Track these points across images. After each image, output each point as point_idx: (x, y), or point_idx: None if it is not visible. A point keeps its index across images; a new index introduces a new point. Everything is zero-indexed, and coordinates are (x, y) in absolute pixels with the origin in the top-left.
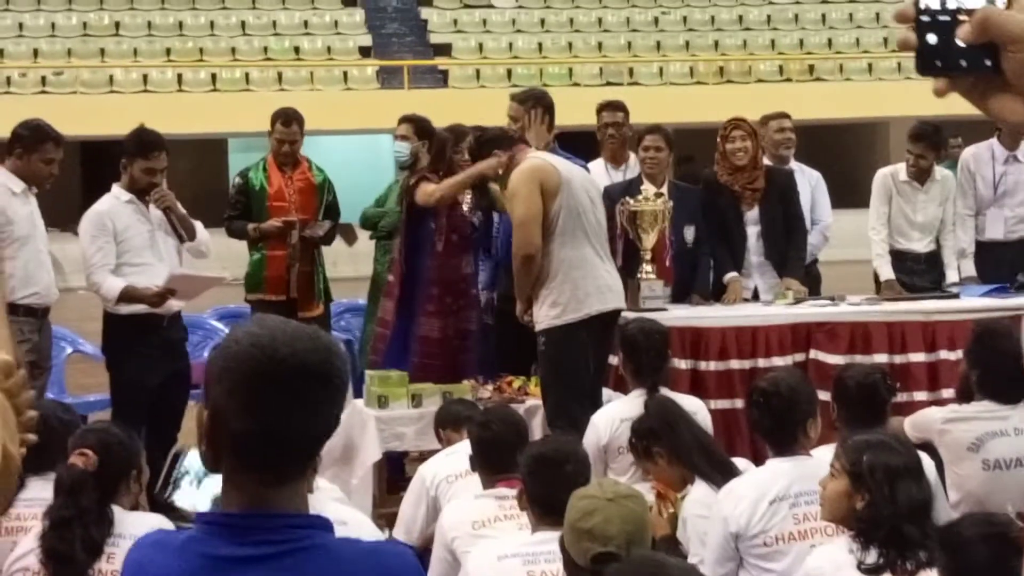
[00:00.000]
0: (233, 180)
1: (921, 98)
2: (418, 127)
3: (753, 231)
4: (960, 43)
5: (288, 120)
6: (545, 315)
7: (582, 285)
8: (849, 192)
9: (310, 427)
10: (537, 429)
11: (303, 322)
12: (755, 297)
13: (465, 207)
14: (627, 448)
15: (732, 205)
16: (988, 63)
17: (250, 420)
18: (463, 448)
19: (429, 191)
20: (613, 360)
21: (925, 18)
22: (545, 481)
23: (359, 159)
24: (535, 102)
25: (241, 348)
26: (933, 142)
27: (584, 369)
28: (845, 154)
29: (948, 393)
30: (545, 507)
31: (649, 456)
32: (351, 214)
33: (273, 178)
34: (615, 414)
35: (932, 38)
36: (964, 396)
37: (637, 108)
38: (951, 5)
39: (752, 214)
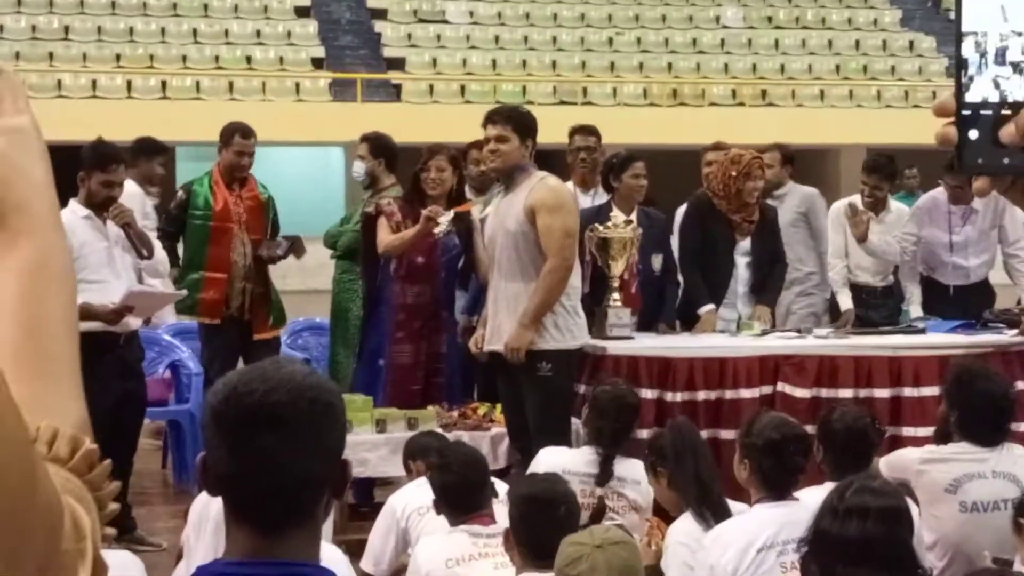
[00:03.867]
0: (177, 193)
1: (871, 126)
2: (373, 145)
3: (743, 261)
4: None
5: (247, 133)
6: (552, 337)
7: (580, 312)
8: None
9: (295, 471)
10: (502, 457)
11: (258, 344)
12: (738, 327)
13: (439, 230)
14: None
15: (726, 233)
16: None
17: (232, 465)
18: None
19: (380, 240)
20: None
21: (967, 112)
22: (536, 523)
23: (309, 172)
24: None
25: (218, 392)
26: (887, 173)
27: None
28: (797, 180)
29: (909, 430)
30: (534, 550)
31: (654, 472)
32: (300, 227)
33: (219, 194)
34: (559, 463)
35: (974, 134)
36: (942, 437)
37: None
38: (994, 99)
39: (744, 244)
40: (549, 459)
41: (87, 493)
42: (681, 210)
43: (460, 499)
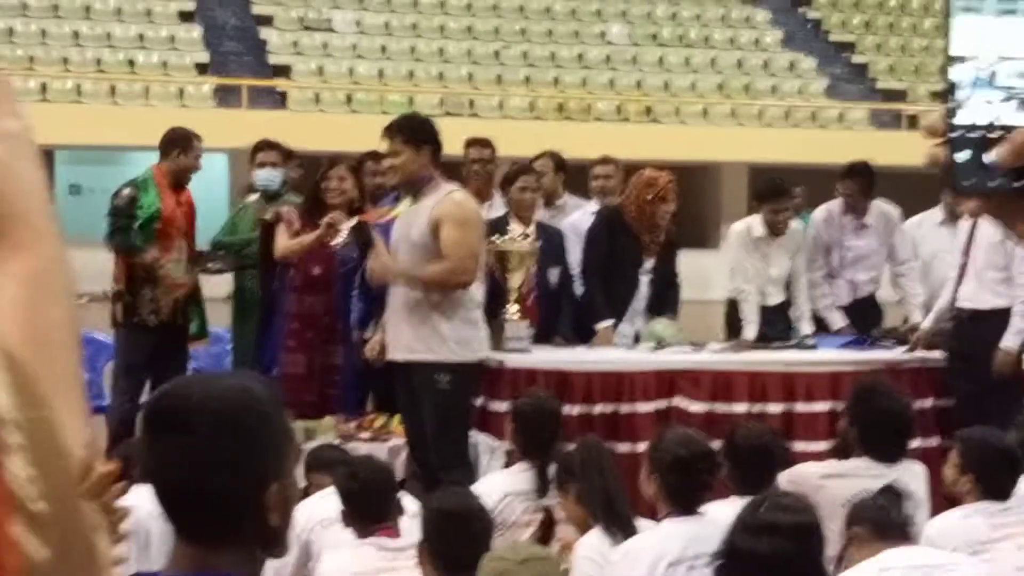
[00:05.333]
0: (122, 192)
1: (753, 144)
2: (283, 152)
3: (645, 279)
4: (990, 162)
5: (199, 137)
6: (450, 349)
7: (481, 325)
8: (686, 234)
9: (207, 481)
10: (400, 469)
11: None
12: (636, 341)
13: (337, 241)
14: (512, 524)
15: (633, 251)
16: (1016, 184)
17: (156, 473)
18: (334, 491)
19: (278, 245)
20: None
21: (955, 134)
22: (450, 538)
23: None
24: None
25: (156, 392)
26: (783, 199)
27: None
28: (680, 196)
29: (801, 444)
30: (449, 564)
31: (562, 488)
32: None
33: (166, 201)
34: (499, 488)
35: (962, 156)
36: (842, 452)
37: None
38: (982, 121)
39: (648, 263)
40: (488, 486)
41: (102, 519)
42: (568, 221)
43: (367, 510)
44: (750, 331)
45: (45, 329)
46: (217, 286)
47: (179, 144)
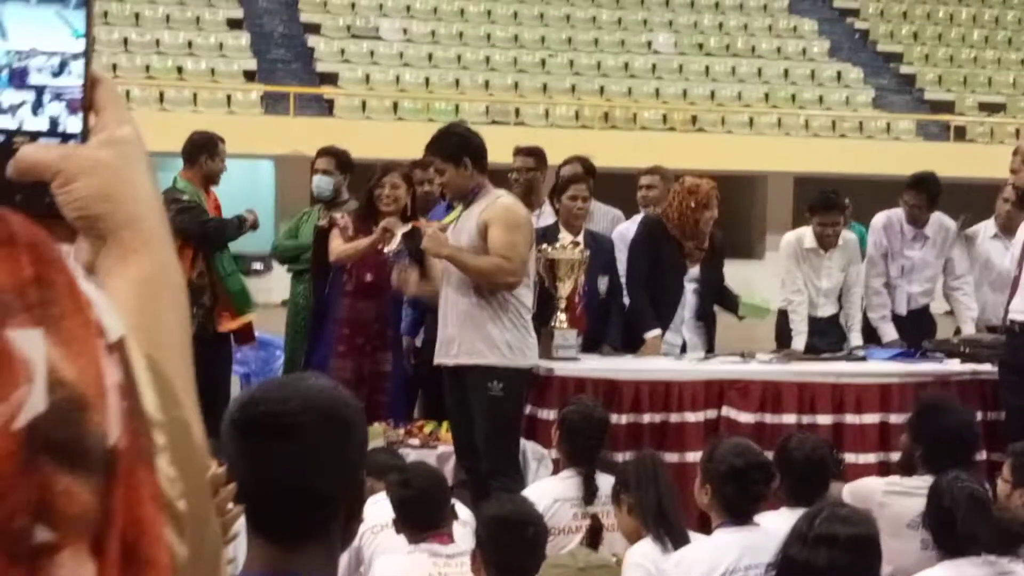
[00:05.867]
0: (176, 189)
1: (798, 155)
2: (339, 160)
3: (691, 287)
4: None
5: (222, 139)
6: (502, 354)
7: (532, 331)
8: (730, 245)
9: (306, 484)
10: (449, 476)
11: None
12: (683, 351)
13: (391, 248)
14: (561, 530)
15: (676, 259)
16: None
17: (245, 475)
18: (386, 497)
19: (333, 248)
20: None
21: None
22: (506, 545)
23: (239, 185)
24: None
25: (237, 401)
26: (837, 212)
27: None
28: (724, 206)
29: (851, 456)
30: (504, 571)
31: (617, 500)
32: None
33: (207, 203)
34: (548, 494)
35: None
36: (906, 469)
37: None
38: (1, 126)
39: (694, 271)
40: (537, 492)
41: (217, 520)
42: (618, 230)
43: (420, 517)
44: (799, 341)
45: (160, 332)
46: (269, 292)
47: (205, 149)
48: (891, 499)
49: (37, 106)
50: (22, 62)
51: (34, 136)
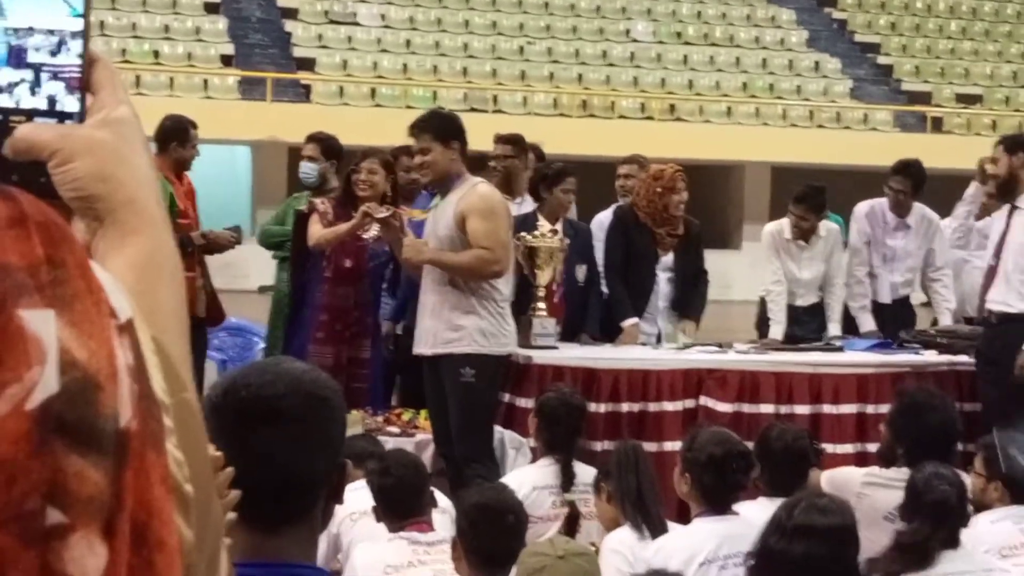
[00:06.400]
0: None
1: (776, 144)
2: (325, 146)
3: (664, 276)
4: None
5: (195, 125)
6: (475, 342)
7: (509, 319)
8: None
9: (292, 467)
10: (427, 463)
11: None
12: (658, 341)
13: (370, 235)
14: (540, 518)
15: (648, 247)
16: (37, 181)
17: (228, 461)
18: (365, 484)
19: (312, 233)
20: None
21: None
22: (486, 532)
23: (215, 170)
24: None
25: (217, 387)
26: (814, 204)
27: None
28: (702, 196)
29: (828, 446)
30: (485, 559)
31: (597, 488)
32: (206, 225)
33: (177, 190)
34: (526, 482)
35: None
36: (885, 460)
37: None
38: (6, 104)
39: (667, 259)
40: (516, 480)
41: (219, 504)
42: (596, 219)
43: (400, 504)
44: (777, 331)
45: (161, 314)
46: (246, 278)
47: (176, 136)
48: (869, 490)
49: (35, 85)
50: (20, 40)
51: (31, 115)
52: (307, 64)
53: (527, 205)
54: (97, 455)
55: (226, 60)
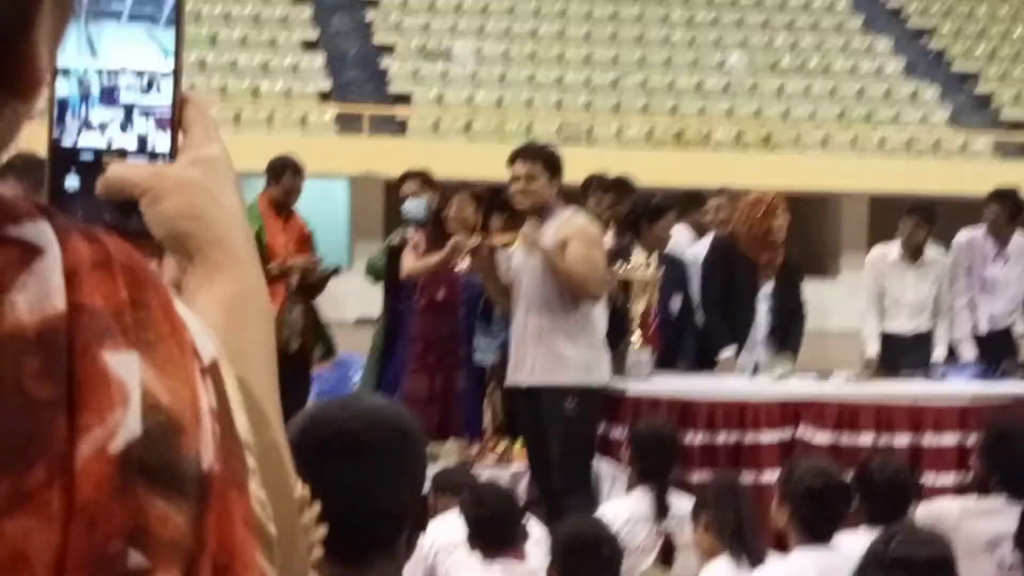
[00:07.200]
0: None
1: (874, 174)
2: (426, 180)
3: (764, 306)
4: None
5: (299, 169)
6: (575, 374)
7: (604, 350)
8: (806, 264)
9: (373, 500)
10: (521, 494)
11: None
12: (755, 372)
13: (463, 267)
14: (635, 549)
15: (749, 277)
16: (127, 224)
17: (312, 495)
18: (459, 515)
19: (404, 265)
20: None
21: (63, 157)
22: (580, 564)
23: (313, 205)
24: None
25: (297, 423)
26: (926, 216)
27: None
28: (799, 226)
29: (928, 478)
30: None
31: (695, 518)
32: None
33: (269, 224)
34: (622, 513)
35: (74, 182)
36: (980, 490)
37: (594, 169)
38: (97, 145)
39: (766, 289)
40: (611, 512)
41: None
42: (692, 251)
43: (492, 535)
44: (869, 346)
45: (247, 353)
46: (343, 310)
47: (271, 174)
48: (966, 521)
49: (126, 124)
50: (112, 80)
51: (123, 154)
52: (403, 99)
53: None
54: (179, 498)
55: (323, 96)
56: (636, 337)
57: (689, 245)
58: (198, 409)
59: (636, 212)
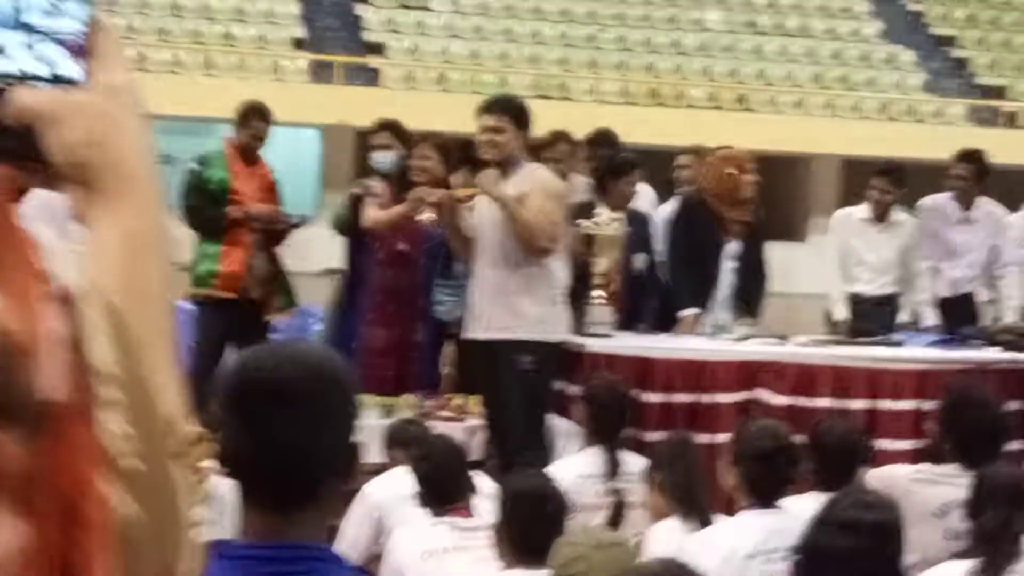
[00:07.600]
0: (185, 174)
1: (848, 137)
2: (398, 133)
3: (729, 266)
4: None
5: (266, 116)
6: (532, 328)
7: (563, 306)
8: (774, 225)
9: (304, 449)
10: (476, 449)
11: (255, 327)
12: (716, 331)
13: (424, 217)
14: (585, 506)
15: (714, 234)
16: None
17: (241, 443)
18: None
19: (366, 215)
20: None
21: None
22: (525, 519)
23: (283, 153)
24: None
25: (230, 369)
26: (897, 178)
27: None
28: (769, 187)
29: (886, 443)
30: (523, 546)
31: (650, 478)
32: None
33: (236, 171)
34: (572, 470)
35: None
36: (934, 457)
37: (569, 124)
38: (10, 70)
39: (732, 247)
40: (561, 469)
41: (187, 480)
42: (660, 209)
43: (440, 490)
44: (837, 309)
45: (141, 283)
46: (304, 260)
47: (243, 118)
48: (917, 486)
49: (33, 48)
50: (21, 3)
51: (30, 79)
52: (377, 49)
53: (581, 192)
54: (15, 425)
55: (297, 43)
56: (598, 294)
57: (654, 205)
58: (45, 337)
59: (601, 168)
